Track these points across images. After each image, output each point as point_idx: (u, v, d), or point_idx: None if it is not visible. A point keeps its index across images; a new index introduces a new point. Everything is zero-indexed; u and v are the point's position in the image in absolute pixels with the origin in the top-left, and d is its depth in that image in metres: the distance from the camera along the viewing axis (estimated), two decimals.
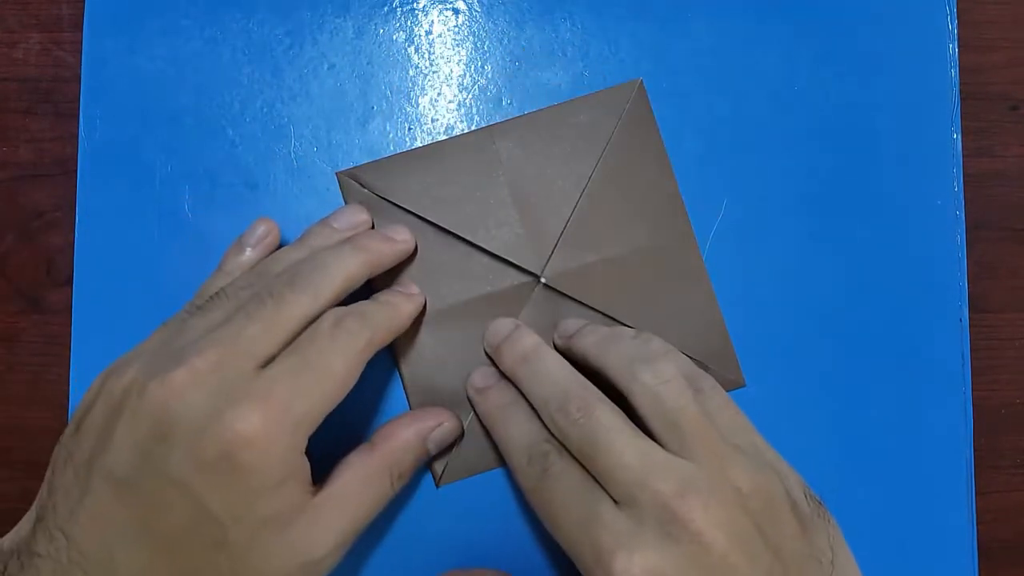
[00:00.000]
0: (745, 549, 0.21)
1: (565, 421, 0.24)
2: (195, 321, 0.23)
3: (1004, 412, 0.31)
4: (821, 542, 0.23)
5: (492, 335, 0.28)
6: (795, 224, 0.30)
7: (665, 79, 0.30)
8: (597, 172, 0.29)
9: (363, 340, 0.24)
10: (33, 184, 0.30)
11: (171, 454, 0.21)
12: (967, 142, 0.31)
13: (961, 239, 0.30)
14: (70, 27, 0.30)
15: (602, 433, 0.23)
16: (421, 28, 0.30)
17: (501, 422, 0.26)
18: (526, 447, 0.25)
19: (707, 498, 0.21)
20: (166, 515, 0.21)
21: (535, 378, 0.26)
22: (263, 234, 0.27)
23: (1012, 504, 0.31)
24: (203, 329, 0.23)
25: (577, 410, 0.24)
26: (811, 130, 0.30)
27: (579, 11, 0.31)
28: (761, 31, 0.31)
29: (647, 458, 0.22)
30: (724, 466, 0.22)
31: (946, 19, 0.31)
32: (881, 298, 0.30)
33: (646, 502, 0.21)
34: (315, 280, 0.24)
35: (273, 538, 0.22)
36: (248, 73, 0.30)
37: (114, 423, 0.21)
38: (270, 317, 0.23)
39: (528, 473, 0.24)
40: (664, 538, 0.21)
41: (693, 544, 0.21)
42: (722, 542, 0.21)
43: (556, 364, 0.26)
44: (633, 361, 0.24)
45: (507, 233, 0.29)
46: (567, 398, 0.24)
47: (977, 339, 0.31)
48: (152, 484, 0.21)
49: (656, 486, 0.22)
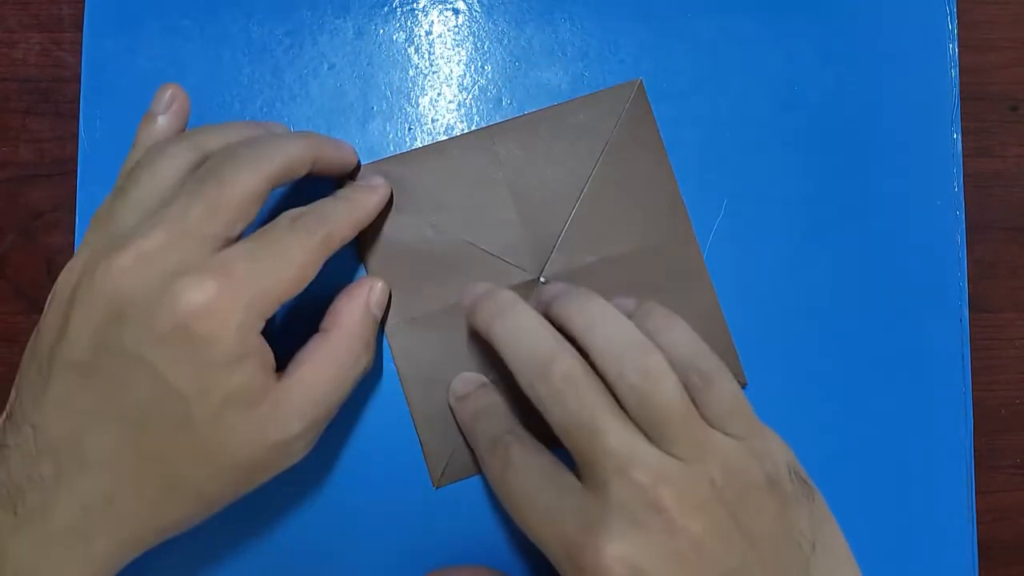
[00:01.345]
0: (718, 537, 0.21)
1: (546, 391, 0.22)
2: (125, 201, 0.23)
3: (1004, 412, 0.31)
4: (802, 523, 0.22)
5: (467, 295, 0.26)
6: (795, 224, 0.30)
7: (665, 79, 0.30)
8: (597, 172, 0.29)
9: (321, 234, 0.23)
10: (33, 184, 0.30)
11: (127, 331, 0.21)
12: (967, 142, 0.31)
13: (961, 239, 0.30)
14: (70, 27, 0.30)
15: (586, 413, 0.22)
16: (421, 28, 0.30)
17: (476, 424, 0.26)
18: (489, 439, 0.25)
19: (681, 488, 0.21)
20: (128, 393, 0.21)
21: (511, 336, 0.24)
22: (170, 99, 0.26)
23: (1012, 504, 0.31)
24: (140, 210, 0.22)
25: (560, 380, 0.22)
26: (811, 130, 0.30)
27: (579, 11, 0.31)
28: (761, 31, 0.31)
29: (629, 446, 0.21)
30: (703, 458, 0.22)
31: (946, 19, 0.31)
32: (881, 298, 0.30)
33: (619, 489, 0.21)
34: (255, 156, 0.23)
35: (238, 417, 0.22)
36: (248, 73, 0.30)
37: (69, 313, 0.21)
38: (213, 196, 0.22)
39: (491, 465, 0.24)
40: (635, 526, 0.21)
41: (665, 533, 0.21)
42: (695, 530, 0.21)
43: (535, 321, 0.24)
44: (623, 351, 0.23)
45: (507, 234, 0.29)
46: (549, 363, 0.22)
47: (977, 339, 0.31)
48: (111, 363, 0.21)
49: (633, 475, 0.21)
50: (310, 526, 0.28)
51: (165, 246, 0.21)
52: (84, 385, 0.21)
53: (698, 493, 0.21)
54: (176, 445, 0.21)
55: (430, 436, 0.28)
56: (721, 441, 0.22)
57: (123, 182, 0.24)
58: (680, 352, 0.24)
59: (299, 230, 0.23)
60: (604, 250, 0.29)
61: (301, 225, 0.23)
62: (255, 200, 0.23)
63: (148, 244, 0.21)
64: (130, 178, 0.23)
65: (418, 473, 0.28)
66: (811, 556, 0.22)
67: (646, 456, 0.21)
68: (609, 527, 0.21)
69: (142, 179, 0.23)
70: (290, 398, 0.23)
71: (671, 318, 0.25)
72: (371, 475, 0.28)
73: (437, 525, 0.28)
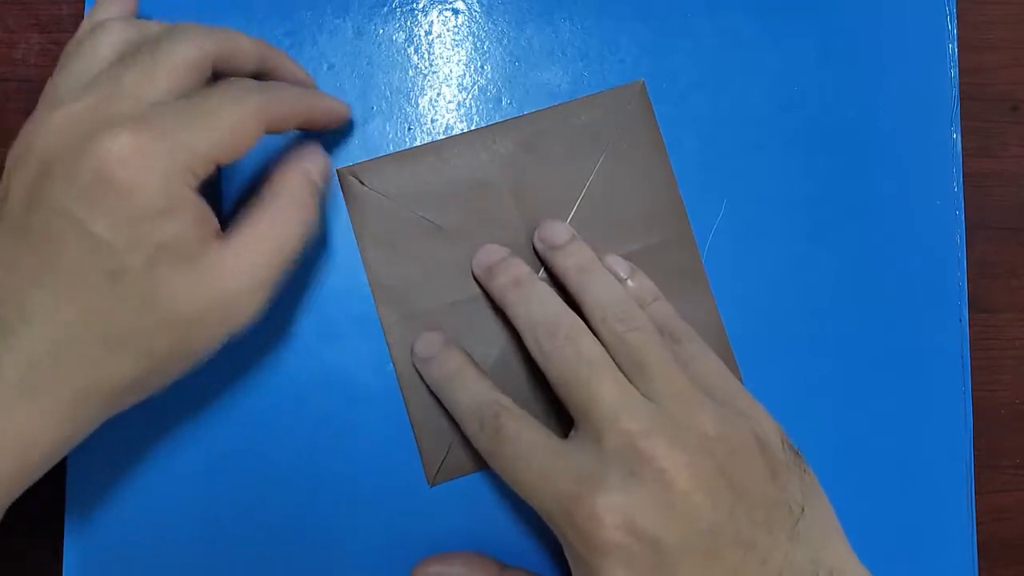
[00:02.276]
0: (708, 489, 0.21)
1: (551, 345, 0.24)
2: (65, 74, 0.23)
3: (1004, 412, 0.31)
4: (792, 489, 0.23)
5: (485, 255, 0.28)
6: (795, 224, 0.30)
7: (665, 79, 0.30)
8: (597, 173, 0.29)
9: (256, 102, 0.23)
10: None
11: (53, 186, 0.21)
12: (967, 142, 0.31)
13: (961, 239, 0.30)
14: (70, 27, 0.30)
15: (584, 364, 0.23)
16: (421, 28, 0.30)
17: (449, 390, 0.26)
18: (476, 411, 0.25)
19: (672, 439, 0.22)
20: (61, 249, 0.21)
21: (526, 301, 0.26)
22: None
23: (1012, 504, 0.31)
24: (79, 80, 0.23)
25: (565, 337, 0.24)
26: (811, 130, 0.30)
27: (579, 11, 0.31)
28: (761, 31, 0.31)
29: (622, 396, 0.23)
30: (691, 411, 0.23)
31: (946, 19, 0.31)
32: (881, 298, 0.30)
33: (612, 440, 0.22)
34: (195, 33, 0.23)
35: (174, 269, 0.21)
36: None
37: (8, 180, 0.22)
38: (148, 62, 0.22)
39: (482, 438, 0.24)
40: (628, 477, 0.21)
41: (657, 483, 0.21)
42: (685, 481, 0.21)
43: (549, 293, 0.26)
44: (608, 305, 0.25)
45: (507, 233, 0.29)
46: (557, 323, 0.24)
47: (977, 339, 0.31)
48: (41, 219, 0.21)
49: (625, 424, 0.22)
50: (304, 523, 0.28)
51: (95, 106, 0.22)
52: (22, 243, 0.21)
53: (688, 445, 0.22)
54: (113, 298, 0.21)
55: (426, 434, 0.28)
56: (708, 401, 0.23)
57: (64, 58, 0.24)
58: (661, 319, 0.26)
59: (233, 93, 0.23)
60: (603, 250, 0.29)
61: (237, 89, 0.23)
62: (191, 69, 0.23)
63: (78, 105, 0.22)
64: (71, 52, 0.24)
65: (414, 471, 0.28)
66: (800, 519, 0.23)
67: (639, 408, 0.22)
68: (602, 478, 0.21)
69: (84, 51, 0.24)
70: (238, 250, 0.23)
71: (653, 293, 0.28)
72: (366, 473, 0.28)
73: (431, 524, 0.28)
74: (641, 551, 0.21)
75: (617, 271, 0.28)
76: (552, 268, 0.28)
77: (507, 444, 0.24)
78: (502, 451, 0.24)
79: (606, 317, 0.25)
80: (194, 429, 0.28)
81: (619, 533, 0.21)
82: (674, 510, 0.21)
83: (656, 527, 0.21)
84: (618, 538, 0.21)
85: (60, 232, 0.21)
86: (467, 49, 0.30)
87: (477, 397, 0.25)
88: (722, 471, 0.22)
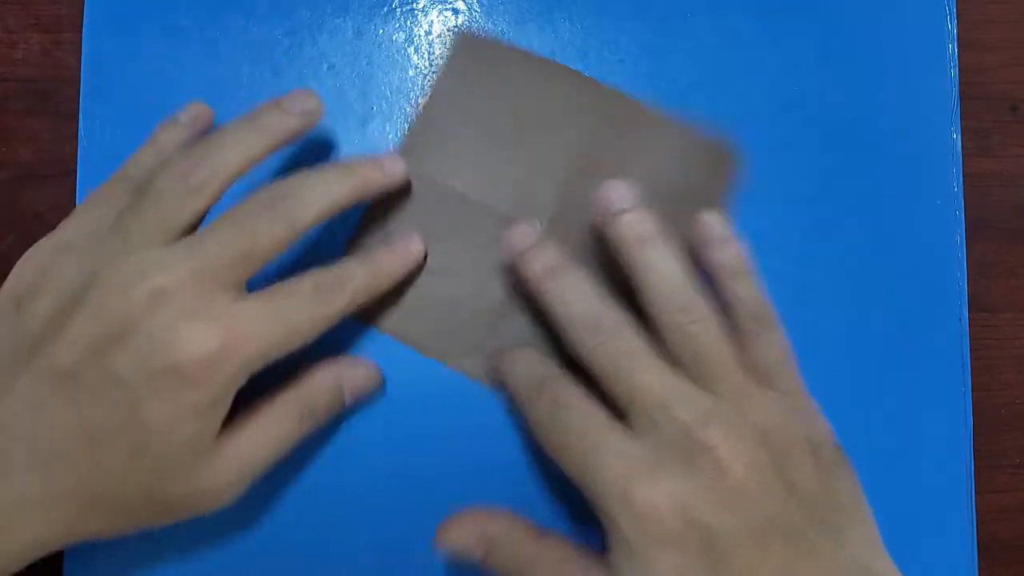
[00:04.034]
0: (762, 482, 0.21)
1: (594, 341, 0.23)
2: (147, 207, 0.23)
3: (1004, 412, 0.31)
4: (840, 490, 0.23)
5: (516, 239, 0.26)
6: (794, 223, 0.30)
7: (665, 79, 0.30)
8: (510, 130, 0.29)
9: (337, 307, 0.24)
10: (33, 184, 0.30)
11: (122, 357, 0.21)
12: (967, 142, 0.31)
13: (961, 239, 0.30)
14: (70, 27, 0.30)
15: (631, 356, 0.23)
16: (421, 28, 0.30)
17: (513, 368, 0.26)
18: (532, 378, 0.25)
19: (727, 429, 0.22)
20: (101, 411, 0.21)
21: (564, 294, 0.25)
22: (196, 114, 0.27)
23: (1012, 504, 0.31)
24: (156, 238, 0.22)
25: (608, 330, 0.23)
26: (811, 130, 0.30)
27: (579, 11, 0.31)
28: (761, 31, 0.31)
29: (672, 386, 0.22)
30: (747, 404, 0.23)
31: (946, 19, 0.31)
32: (881, 298, 0.30)
33: (667, 428, 0.22)
34: (292, 210, 0.23)
35: (186, 460, 0.22)
36: (248, 73, 0.30)
37: (69, 315, 0.21)
38: (244, 249, 0.22)
39: (538, 404, 0.24)
40: (684, 464, 0.21)
41: (713, 472, 0.21)
42: (740, 471, 0.21)
43: (587, 283, 0.25)
44: (667, 295, 0.24)
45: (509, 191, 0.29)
46: (598, 319, 0.24)
47: (977, 339, 0.31)
48: (95, 379, 0.21)
49: (679, 413, 0.22)
50: (303, 516, 0.28)
51: (184, 285, 0.21)
52: (60, 391, 0.21)
53: (744, 436, 0.22)
54: (124, 470, 0.22)
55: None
56: (765, 393, 0.23)
57: (147, 185, 0.23)
58: (742, 300, 0.25)
59: (318, 302, 0.23)
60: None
61: (321, 298, 0.23)
62: (284, 248, 0.23)
63: (168, 280, 0.21)
64: (148, 197, 0.23)
65: (416, 467, 0.28)
66: (847, 520, 0.23)
67: (694, 397, 0.22)
68: (657, 465, 0.21)
69: (163, 206, 0.23)
70: (232, 450, 0.23)
71: (742, 268, 0.26)
72: (363, 470, 0.28)
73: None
74: (694, 540, 0.21)
75: (713, 232, 0.26)
76: (608, 236, 0.25)
77: (563, 415, 0.23)
78: (556, 422, 0.23)
79: (666, 307, 0.24)
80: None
81: (674, 521, 0.21)
82: (730, 499, 0.21)
83: (711, 516, 0.21)
84: (672, 525, 0.21)
85: (110, 398, 0.21)
86: None
87: (533, 367, 0.25)
88: (776, 465, 0.22)
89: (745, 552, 0.21)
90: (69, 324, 0.21)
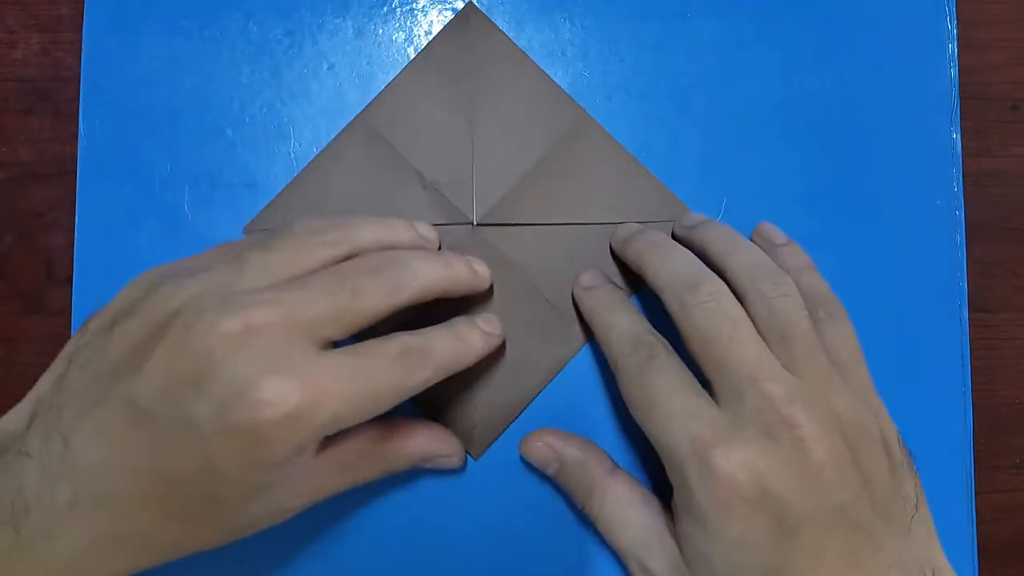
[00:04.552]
0: (839, 467, 0.22)
1: (693, 300, 0.24)
2: (262, 259, 0.22)
3: (1004, 412, 0.31)
4: (907, 487, 0.23)
5: (622, 230, 0.28)
6: (795, 224, 0.30)
7: (665, 79, 0.30)
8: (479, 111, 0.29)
9: (420, 379, 0.23)
10: (33, 184, 0.30)
11: (200, 402, 0.20)
12: (967, 142, 0.31)
13: (960, 239, 0.30)
14: (70, 27, 0.30)
15: (728, 322, 0.23)
16: (421, 28, 0.30)
17: (607, 313, 0.26)
18: (632, 336, 0.25)
19: (810, 410, 0.22)
20: (175, 456, 0.20)
21: (666, 260, 0.26)
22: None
23: (1012, 504, 0.31)
24: (270, 274, 0.22)
25: (708, 293, 0.24)
26: (811, 130, 0.30)
27: (579, 11, 0.31)
28: (761, 31, 0.31)
29: (764, 360, 0.23)
30: (828, 390, 0.23)
31: (946, 19, 0.31)
32: (881, 298, 0.30)
33: (752, 400, 0.22)
34: (396, 281, 0.23)
35: (261, 500, 0.22)
36: (248, 73, 0.30)
37: (152, 347, 0.20)
38: (343, 304, 0.22)
39: (632, 360, 0.24)
40: (765, 437, 0.21)
41: (794, 449, 0.21)
42: (821, 453, 0.21)
43: (689, 254, 0.26)
44: (756, 268, 0.25)
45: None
46: (699, 280, 0.24)
47: (977, 339, 0.31)
48: (172, 424, 0.20)
49: (766, 386, 0.22)
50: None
51: (273, 328, 0.20)
52: (136, 428, 0.20)
53: (825, 419, 0.22)
54: (194, 510, 0.21)
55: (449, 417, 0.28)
56: (844, 383, 0.23)
57: (272, 239, 0.23)
58: (812, 291, 0.25)
59: (403, 369, 0.22)
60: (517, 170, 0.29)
61: (405, 364, 0.22)
62: (375, 320, 0.23)
63: (258, 319, 0.20)
64: (280, 238, 0.23)
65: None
66: (913, 516, 0.23)
67: (781, 374, 0.22)
68: (741, 433, 0.22)
69: (289, 247, 0.23)
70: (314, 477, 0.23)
71: (808, 264, 0.27)
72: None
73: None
74: (766, 511, 0.21)
75: (772, 237, 0.28)
76: (696, 241, 0.27)
77: (656, 372, 0.24)
78: (647, 378, 0.24)
79: (755, 279, 0.24)
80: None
81: (750, 489, 0.21)
82: (807, 479, 0.21)
83: (787, 491, 0.21)
84: (748, 493, 0.21)
85: (184, 445, 0.20)
86: None
87: (636, 326, 0.25)
88: (853, 454, 0.22)
89: (813, 533, 0.21)
90: (151, 355, 0.20)
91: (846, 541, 0.21)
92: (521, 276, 0.29)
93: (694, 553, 0.23)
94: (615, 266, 0.29)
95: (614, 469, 0.27)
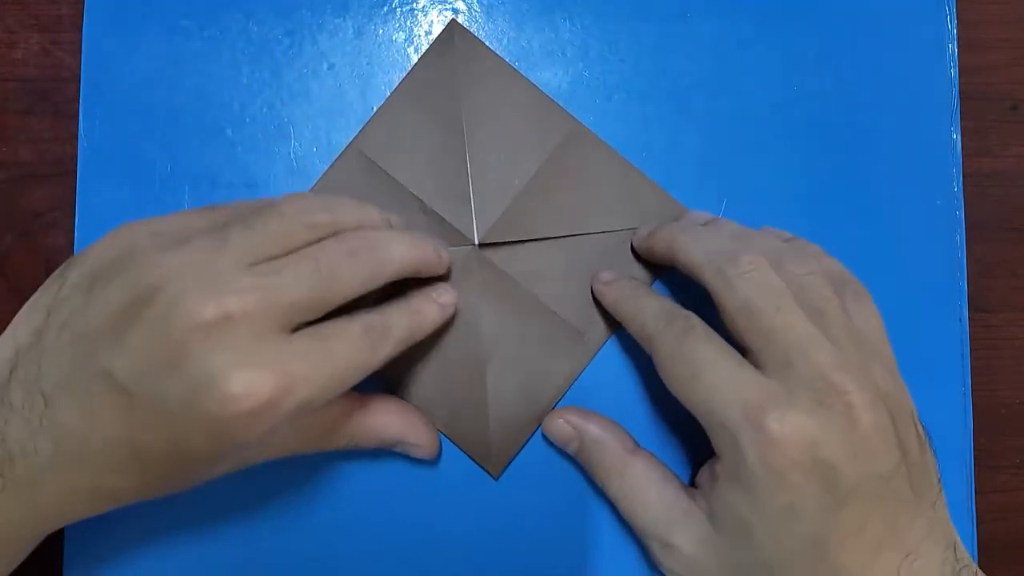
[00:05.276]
0: (884, 438, 0.22)
1: (735, 272, 0.24)
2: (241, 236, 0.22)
3: (1004, 412, 0.31)
4: (932, 464, 0.23)
5: (643, 228, 0.29)
6: (795, 224, 0.30)
7: (665, 79, 0.30)
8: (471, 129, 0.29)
9: (383, 355, 0.24)
10: (33, 184, 0.30)
11: (173, 386, 0.20)
12: (967, 142, 0.31)
13: (961, 239, 0.30)
14: (70, 27, 0.30)
15: (774, 292, 0.23)
16: (421, 28, 0.30)
17: (635, 298, 0.27)
18: (665, 311, 0.25)
19: (858, 381, 0.22)
20: (148, 431, 0.21)
21: (698, 239, 0.26)
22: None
23: (1012, 504, 0.31)
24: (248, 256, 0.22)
25: (749, 263, 0.24)
26: (811, 130, 0.30)
27: (579, 11, 0.31)
28: (761, 31, 0.31)
29: (811, 330, 0.23)
30: (866, 362, 0.23)
31: (946, 19, 0.31)
32: (881, 298, 0.30)
33: (802, 367, 0.22)
34: (372, 264, 0.24)
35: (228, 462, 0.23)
36: (248, 73, 0.30)
37: (131, 321, 0.20)
38: (319, 291, 0.22)
39: (668, 334, 0.24)
40: (817, 404, 0.21)
41: (844, 416, 0.21)
42: (869, 423, 0.21)
43: (718, 231, 0.26)
44: (779, 250, 0.25)
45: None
46: (737, 252, 0.24)
47: (977, 339, 0.31)
48: (146, 402, 0.20)
49: (815, 355, 0.22)
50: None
51: (250, 317, 0.21)
52: (114, 401, 0.21)
53: (870, 390, 0.22)
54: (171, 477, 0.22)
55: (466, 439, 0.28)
56: (875, 358, 0.23)
57: (258, 216, 0.23)
58: (834, 273, 0.25)
59: (366, 348, 0.23)
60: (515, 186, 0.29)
61: (369, 342, 0.23)
62: (347, 302, 0.23)
63: (236, 307, 0.20)
64: (266, 216, 0.23)
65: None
66: (939, 495, 0.23)
67: (826, 344, 0.22)
68: (792, 399, 0.22)
69: (273, 229, 0.23)
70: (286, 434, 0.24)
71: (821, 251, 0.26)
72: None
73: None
74: (818, 478, 0.21)
75: (779, 235, 0.28)
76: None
77: (697, 342, 0.24)
78: (688, 348, 0.24)
79: (782, 260, 0.24)
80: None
81: (802, 453, 0.21)
82: (855, 447, 0.21)
83: (837, 458, 0.21)
84: (799, 457, 0.21)
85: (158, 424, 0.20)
86: None
87: (665, 303, 0.26)
88: (894, 425, 0.22)
89: (860, 501, 0.21)
90: (130, 332, 0.20)
91: (887, 512, 0.22)
92: (527, 292, 0.29)
93: (735, 523, 0.23)
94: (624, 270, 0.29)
95: (635, 448, 0.27)
